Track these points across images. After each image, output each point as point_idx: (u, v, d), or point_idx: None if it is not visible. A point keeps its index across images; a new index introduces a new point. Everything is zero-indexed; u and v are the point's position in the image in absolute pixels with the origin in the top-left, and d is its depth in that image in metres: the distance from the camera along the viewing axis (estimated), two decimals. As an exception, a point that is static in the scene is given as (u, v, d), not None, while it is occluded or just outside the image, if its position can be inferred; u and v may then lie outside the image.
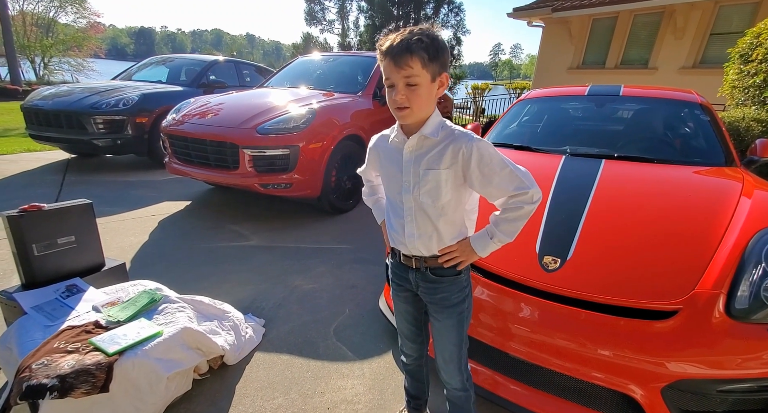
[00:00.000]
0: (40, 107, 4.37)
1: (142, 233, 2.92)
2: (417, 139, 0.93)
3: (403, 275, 1.09)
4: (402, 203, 0.99)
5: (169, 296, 1.62)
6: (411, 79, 0.85)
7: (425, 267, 1.03)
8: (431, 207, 0.95)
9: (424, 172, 0.93)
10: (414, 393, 1.32)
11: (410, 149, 0.95)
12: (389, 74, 0.87)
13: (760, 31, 4.04)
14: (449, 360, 1.10)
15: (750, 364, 1.09)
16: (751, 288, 1.19)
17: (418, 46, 0.83)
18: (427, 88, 0.88)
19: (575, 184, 1.82)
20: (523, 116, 2.96)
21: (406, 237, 1.00)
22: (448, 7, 16.42)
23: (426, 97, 0.88)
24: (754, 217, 1.46)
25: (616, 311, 1.24)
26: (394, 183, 1.00)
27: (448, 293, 1.03)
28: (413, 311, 1.16)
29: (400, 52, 0.83)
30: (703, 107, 2.45)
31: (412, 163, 0.95)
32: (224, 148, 2.95)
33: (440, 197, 0.94)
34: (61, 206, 1.69)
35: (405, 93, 0.87)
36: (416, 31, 0.86)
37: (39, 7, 17.15)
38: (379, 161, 1.07)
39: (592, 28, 8.88)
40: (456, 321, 1.05)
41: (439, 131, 0.92)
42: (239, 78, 6.02)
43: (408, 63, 0.84)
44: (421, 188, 0.94)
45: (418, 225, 0.98)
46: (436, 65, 0.86)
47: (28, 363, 1.18)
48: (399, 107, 0.89)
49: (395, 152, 0.99)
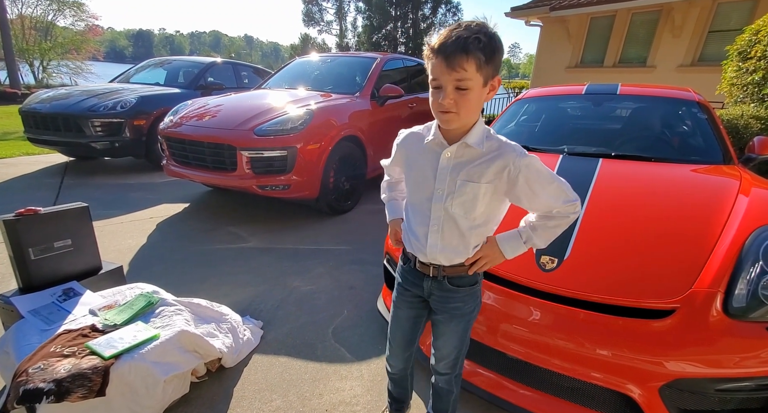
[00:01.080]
0: (38, 110, 4.37)
1: (140, 235, 2.92)
2: (458, 147, 0.87)
3: (415, 281, 1.04)
4: (430, 211, 0.92)
5: (166, 299, 1.62)
6: (463, 82, 0.77)
7: (443, 276, 0.97)
8: (463, 218, 0.90)
9: (462, 183, 0.87)
10: (397, 397, 1.31)
11: (449, 156, 0.88)
12: (438, 75, 0.78)
13: (759, 28, 4.04)
14: (445, 357, 1.09)
15: (748, 363, 1.09)
16: (749, 286, 1.19)
17: (476, 45, 0.74)
18: (478, 92, 0.80)
19: (572, 183, 1.80)
20: (521, 115, 2.96)
21: (427, 246, 0.94)
22: (446, 7, 16.44)
23: (476, 102, 0.81)
24: (752, 215, 1.46)
25: (614, 310, 1.23)
26: (424, 188, 0.93)
27: (462, 303, 1.00)
28: (415, 318, 1.10)
29: (455, 51, 0.74)
30: (700, 104, 2.45)
31: (449, 171, 0.88)
32: (222, 150, 2.95)
33: (474, 210, 0.89)
34: (58, 210, 1.69)
35: (454, 97, 0.78)
36: (473, 26, 0.76)
37: (37, 11, 17.16)
38: (406, 161, 0.99)
39: (590, 26, 8.88)
40: (463, 328, 1.04)
41: (483, 142, 0.86)
42: (237, 80, 6.01)
43: (462, 65, 0.75)
44: (455, 199, 0.88)
45: (444, 236, 0.92)
46: (490, 68, 0.78)
47: (24, 367, 1.18)
48: (444, 111, 0.81)
49: (430, 155, 0.91)
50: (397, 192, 1.17)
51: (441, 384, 1.15)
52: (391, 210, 1.15)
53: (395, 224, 1.11)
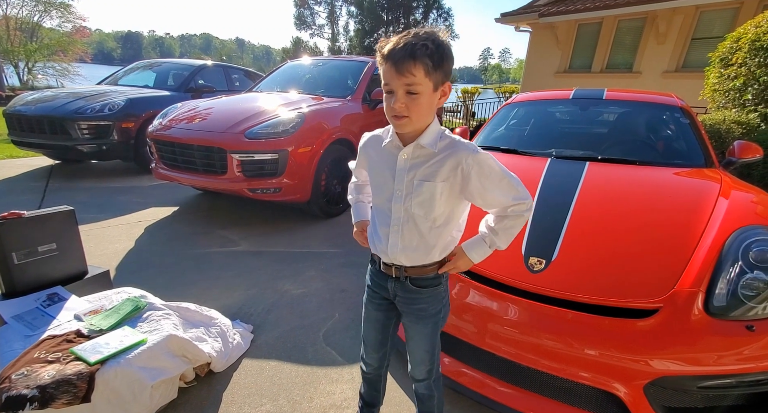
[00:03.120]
0: (22, 112, 4.29)
1: (128, 239, 2.87)
2: (413, 148, 0.89)
3: (381, 282, 1.06)
4: (390, 212, 0.94)
5: (154, 303, 1.60)
6: (412, 87, 0.80)
7: (405, 277, 0.99)
8: (422, 219, 0.92)
9: (419, 183, 0.89)
10: (368, 401, 1.30)
11: (405, 157, 0.90)
12: (389, 80, 0.82)
13: (740, 36, 4.17)
14: (420, 362, 1.09)
15: (728, 360, 1.12)
16: (729, 286, 1.22)
17: (423, 52, 0.77)
18: (429, 97, 0.82)
19: (560, 186, 1.85)
20: (510, 119, 3.00)
21: (388, 247, 0.96)
22: (437, 12, 16.60)
23: (427, 106, 0.83)
24: (732, 216, 1.50)
25: (600, 310, 1.26)
26: (384, 190, 0.95)
27: (426, 304, 1.01)
28: (384, 319, 1.11)
29: (403, 57, 0.77)
30: (682, 109, 2.52)
31: (406, 172, 0.90)
32: (212, 153, 2.93)
33: (433, 209, 0.90)
34: (42, 213, 1.66)
35: (404, 101, 0.81)
36: (422, 34, 0.79)
37: (23, 12, 16.87)
38: (369, 163, 1.02)
39: (578, 33, 9.06)
40: (431, 330, 1.04)
41: (437, 142, 0.88)
42: (228, 82, 5.98)
43: (410, 70, 0.78)
44: (414, 199, 0.90)
45: (404, 236, 0.94)
46: (439, 74, 0.81)
47: (7, 373, 1.15)
48: (396, 115, 0.84)
49: (389, 157, 0.94)
50: (363, 195, 1.19)
51: (421, 389, 1.15)
52: (356, 213, 1.18)
53: (360, 225, 1.14)
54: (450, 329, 1.44)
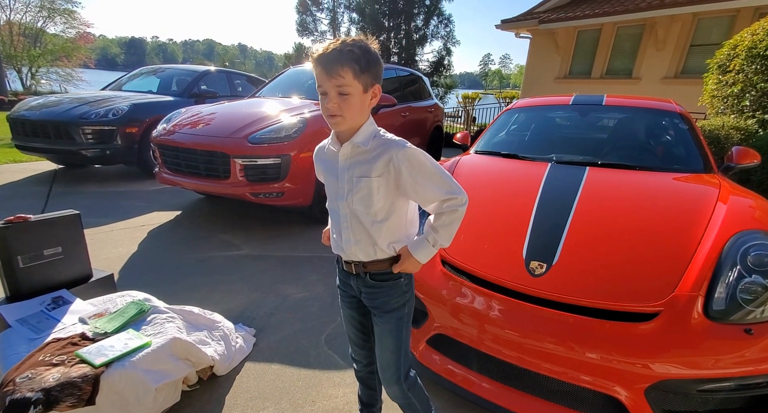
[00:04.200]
0: (27, 117, 4.33)
1: (131, 243, 2.89)
2: (350, 147, 0.95)
3: (346, 280, 1.10)
4: (339, 210, 1.01)
5: (157, 306, 1.61)
6: (342, 88, 0.86)
7: (364, 272, 1.04)
8: (364, 214, 0.97)
9: (357, 179, 0.95)
10: (366, 401, 1.31)
11: (344, 156, 0.97)
12: (321, 82, 0.87)
13: (737, 43, 4.21)
14: (386, 367, 1.09)
15: (728, 364, 1.12)
16: (728, 290, 1.23)
17: (350, 56, 0.84)
18: (359, 98, 0.89)
19: (560, 190, 1.87)
20: (510, 124, 3.03)
21: (343, 243, 1.02)
22: (438, 19, 16.72)
23: (358, 106, 0.89)
24: (730, 221, 1.51)
25: (600, 314, 1.27)
26: (332, 190, 1.02)
27: (387, 297, 1.04)
28: (358, 316, 1.16)
29: (331, 61, 0.84)
30: (681, 115, 2.54)
31: (347, 170, 0.96)
32: (215, 157, 2.96)
33: (372, 205, 0.95)
34: (48, 217, 1.68)
35: (337, 102, 0.87)
36: (349, 41, 0.87)
37: (27, 17, 17.06)
38: (321, 169, 1.08)
39: (577, 39, 9.14)
40: (395, 326, 1.05)
41: (370, 140, 0.94)
42: (231, 88, 6.03)
43: (339, 73, 0.84)
44: (354, 195, 0.96)
45: (354, 232, 1.00)
46: (368, 77, 0.88)
47: (12, 376, 1.16)
48: (331, 114, 0.89)
49: (332, 158, 1.00)
50: None
51: (397, 399, 1.14)
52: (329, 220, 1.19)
53: (326, 232, 1.21)
54: (450, 331, 1.45)
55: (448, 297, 1.47)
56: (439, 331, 1.48)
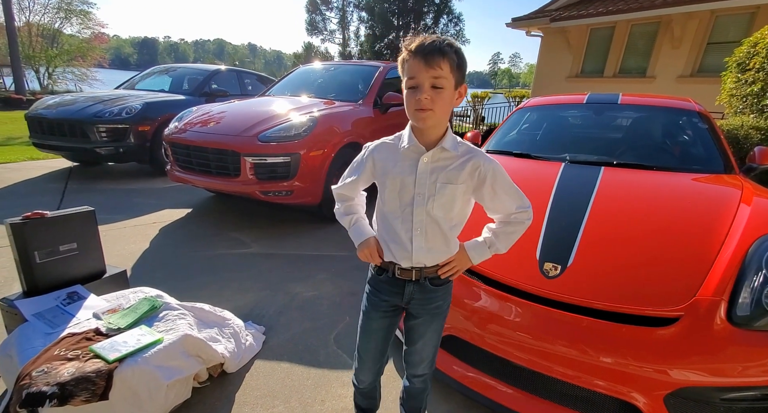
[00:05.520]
0: (44, 115, 4.42)
1: (143, 240, 2.93)
2: (436, 151, 0.92)
3: (394, 289, 1.03)
4: (412, 216, 0.95)
5: (169, 303, 1.62)
6: (439, 80, 0.84)
7: (425, 278, 1.01)
8: (443, 220, 0.96)
9: (442, 185, 0.92)
10: (365, 407, 1.30)
11: (427, 160, 0.93)
12: (415, 74, 0.85)
13: (757, 41, 4.09)
14: (425, 360, 1.12)
15: (753, 372, 1.08)
16: (753, 295, 1.19)
17: (449, 49, 0.84)
18: (450, 94, 0.88)
19: (575, 191, 1.83)
20: (522, 123, 2.99)
21: (413, 250, 0.97)
22: (447, 17, 16.66)
23: (449, 102, 0.88)
24: (754, 224, 1.46)
25: (617, 318, 1.23)
26: (404, 195, 0.95)
27: (442, 301, 1.06)
28: (388, 326, 1.10)
29: (432, 51, 0.83)
30: (700, 114, 2.47)
31: (429, 175, 0.93)
32: (226, 155, 2.97)
33: (452, 210, 0.95)
34: (64, 214, 1.70)
35: (430, 94, 0.85)
36: (443, 37, 0.87)
37: (45, 19, 17.42)
38: (381, 171, 0.99)
39: (590, 37, 8.99)
40: (440, 325, 1.09)
41: (457, 146, 0.94)
42: (241, 87, 6.08)
43: (439, 64, 0.83)
44: (436, 201, 0.93)
45: (428, 238, 0.96)
46: (460, 74, 0.88)
47: (28, 370, 1.18)
48: (421, 108, 0.86)
49: (408, 162, 0.94)
50: (357, 215, 1.11)
51: (418, 384, 1.17)
52: (359, 233, 1.07)
53: (370, 242, 1.04)
54: (463, 334, 1.43)
55: (461, 299, 1.45)
56: (451, 333, 1.46)
